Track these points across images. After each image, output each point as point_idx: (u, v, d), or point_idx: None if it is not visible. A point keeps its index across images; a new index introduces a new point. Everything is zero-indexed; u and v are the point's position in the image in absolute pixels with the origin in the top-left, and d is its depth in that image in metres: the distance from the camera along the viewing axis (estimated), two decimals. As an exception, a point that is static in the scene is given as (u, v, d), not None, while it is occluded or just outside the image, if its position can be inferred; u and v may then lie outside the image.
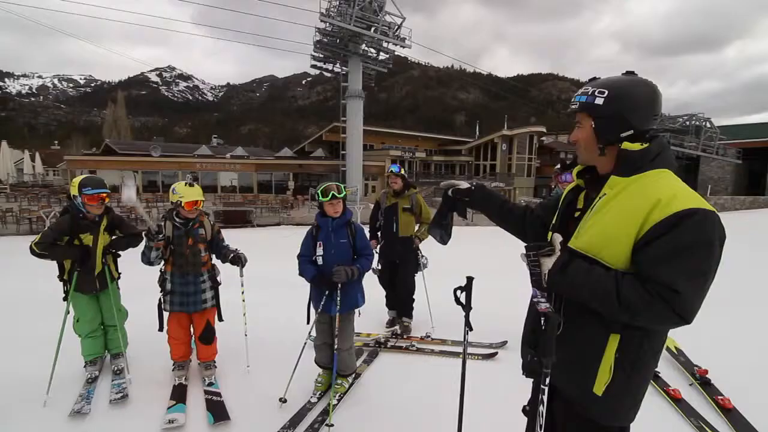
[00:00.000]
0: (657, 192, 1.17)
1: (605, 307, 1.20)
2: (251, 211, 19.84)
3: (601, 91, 1.27)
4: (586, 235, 1.28)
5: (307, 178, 35.50)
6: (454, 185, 1.75)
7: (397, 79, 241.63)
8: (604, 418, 1.34)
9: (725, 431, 2.67)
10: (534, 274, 1.29)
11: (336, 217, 2.96)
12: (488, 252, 10.22)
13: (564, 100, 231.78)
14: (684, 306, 1.12)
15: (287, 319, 4.56)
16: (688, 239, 1.11)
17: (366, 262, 3.01)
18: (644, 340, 1.27)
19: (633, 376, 1.29)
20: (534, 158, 42.18)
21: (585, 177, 1.45)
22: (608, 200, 1.26)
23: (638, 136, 1.26)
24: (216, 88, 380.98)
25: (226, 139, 75.70)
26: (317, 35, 27.39)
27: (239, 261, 3.23)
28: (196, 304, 3.14)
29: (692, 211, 1.12)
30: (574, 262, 1.25)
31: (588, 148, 1.35)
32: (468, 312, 1.88)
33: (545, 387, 1.29)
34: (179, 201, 3.02)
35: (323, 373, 3.17)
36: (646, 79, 1.28)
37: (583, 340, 1.30)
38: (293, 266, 3.11)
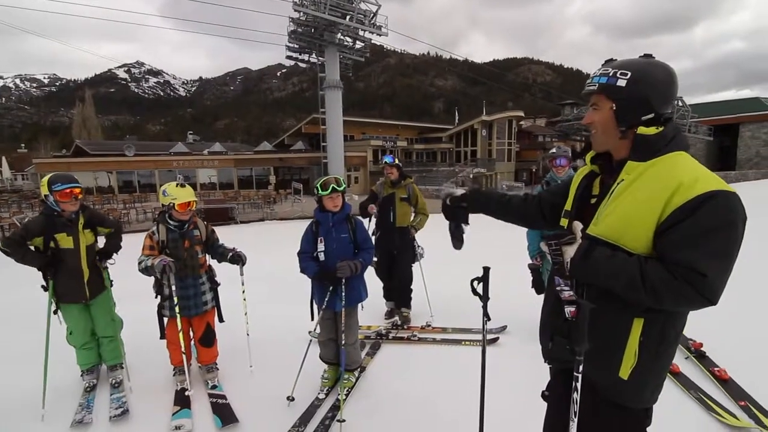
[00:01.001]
0: (678, 175, 1.17)
1: (630, 293, 1.20)
2: (233, 207, 19.53)
3: (624, 72, 1.24)
4: (605, 221, 1.27)
5: (288, 172, 35.08)
6: (450, 194, 1.75)
7: (374, 68, 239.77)
8: (630, 401, 1.35)
9: (723, 401, 2.75)
10: (556, 263, 1.29)
11: (336, 211, 2.91)
12: (480, 238, 10.33)
13: (540, 83, 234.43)
14: (710, 288, 1.12)
15: (285, 316, 4.51)
16: (712, 222, 1.12)
17: (368, 256, 2.98)
18: (667, 323, 1.28)
19: (657, 359, 1.31)
20: (513, 143, 42.60)
21: (599, 162, 1.42)
22: (627, 185, 1.25)
23: (655, 119, 1.25)
24: (188, 83, 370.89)
25: (202, 134, 74.03)
26: (291, 25, 26.82)
27: (239, 260, 3.17)
28: (197, 307, 3.06)
29: (714, 193, 1.12)
30: (596, 249, 1.24)
31: (606, 131, 1.32)
32: (486, 302, 1.86)
33: (578, 374, 1.29)
34: (171, 203, 2.92)
35: (329, 368, 3.14)
36: (664, 62, 1.26)
37: (607, 325, 1.30)
38: (285, 261, 3.06)
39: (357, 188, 32.46)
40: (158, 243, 2.99)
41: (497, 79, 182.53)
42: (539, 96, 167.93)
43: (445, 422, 2.68)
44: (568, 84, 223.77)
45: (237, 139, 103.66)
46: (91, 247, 3.10)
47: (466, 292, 1.96)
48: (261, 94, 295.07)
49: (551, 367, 1.68)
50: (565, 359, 1.43)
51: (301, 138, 40.88)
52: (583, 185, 1.47)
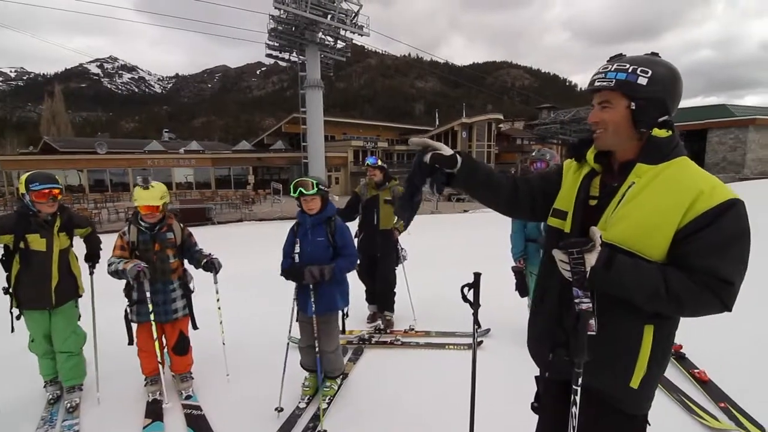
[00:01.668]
0: (697, 182, 1.14)
1: (651, 302, 1.16)
2: (210, 208, 19.08)
3: (644, 70, 1.17)
4: (618, 226, 1.21)
5: (267, 172, 34.63)
6: (432, 148, 1.33)
7: (354, 68, 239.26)
8: (636, 408, 1.32)
9: (704, 403, 2.78)
10: (577, 273, 1.17)
11: (311, 214, 2.81)
12: (458, 240, 10.36)
13: (518, 87, 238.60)
14: (732, 295, 1.12)
15: (264, 320, 4.38)
16: (733, 230, 1.11)
17: (344, 262, 2.84)
18: (673, 327, 1.27)
19: (662, 364, 1.29)
20: (493, 145, 43.18)
21: (600, 162, 1.34)
22: (640, 189, 1.19)
23: (667, 122, 1.21)
24: (164, 80, 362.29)
25: (178, 133, 72.39)
26: (272, 23, 26.48)
27: (212, 267, 3.01)
28: (166, 314, 2.90)
29: (734, 202, 1.11)
30: (618, 256, 1.16)
31: (618, 131, 1.23)
32: (476, 309, 1.79)
33: (578, 387, 1.24)
34: (136, 206, 2.78)
35: (310, 376, 3.04)
36: (671, 63, 1.22)
37: (620, 335, 1.25)
38: (264, 263, 2.95)
39: (338, 189, 32.28)
40: (128, 244, 2.84)
41: (477, 82, 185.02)
42: (517, 99, 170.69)
43: (432, 430, 2.61)
44: (545, 88, 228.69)
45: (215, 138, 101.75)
46: (65, 251, 2.90)
47: (449, 294, 1.90)
48: (240, 92, 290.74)
49: (540, 377, 1.62)
50: (566, 370, 1.37)
51: (281, 137, 40.45)
52: (585, 186, 1.36)
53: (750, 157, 33.05)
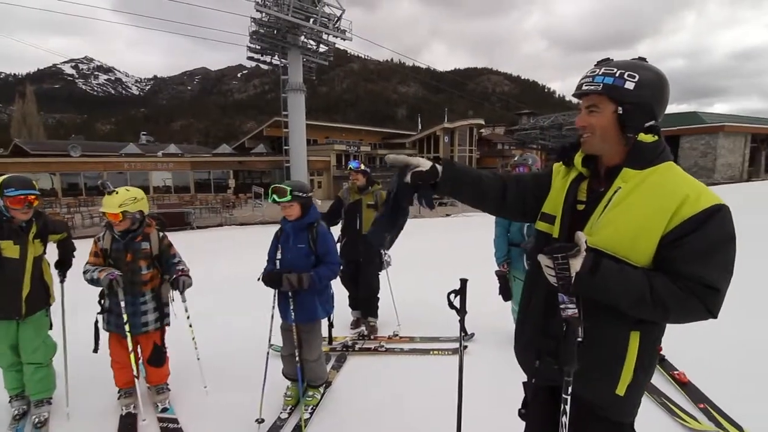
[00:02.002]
0: (683, 187, 1.14)
1: (636, 308, 1.15)
2: (189, 212, 18.69)
3: (632, 74, 1.17)
4: (604, 231, 1.20)
5: (248, 176, 34.15)
6: (410, 166, 1.32)
7: (337, 72, 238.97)
8: (622, 416, 1.31)
9: (684, 404, 2.81)
10: (562, 278, 1.16)
11: (290, 220, 2.74)
12: (441, 245, 10.38)
13: (499, 93, 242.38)
14: (717, 302, 1.11)
15: (243, 328, 4.27)
16: (718, 235, 1.11)
17: (325, 270, 2.75)
18: (659, 333, 1.27)
19: (648, 371, 1.28)
20: (474, 150, 43.67)
21: (588, 167, 1.34)
22: (626, 194, 1.18)
23: (654, 127, 1.21)
24: (142, 81, 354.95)
25: (156, 135, 70.85)
26: (253, 26, 26.23)
27: (178, 286, 2.80)
28: (135, 327, 2.73)
29: (719, 207, 1.11)
30: (603, 261, 1.15)
31: (605, 135, 1.23)
32: (463, 316, 1.76)
33: (567, 396, 1.22)
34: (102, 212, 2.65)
35: (292, 385, 2.95)
36: (658, 68, 1.22)
37: (606, 341, 1.23)
38: (245, 268, 2.87)
39: (320, 193, 32.08)
40: (102, 250, 2.72)
41: (458, 88, 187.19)
42: (498, 105, 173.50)
43: (416, 438, 2.57)
44: (525, 94, 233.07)
45: (194, 141, 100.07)
46: (39, 258, 2.75)
47: (433, 299, 1.87)
48: (220, 95, 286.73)
49: (527, 383, 1.61)
50: (554, 378, 1.36)
51: (263, 141, 40.01)
52: (573, 191, 1.35)
53: (720, 162, 34.31)
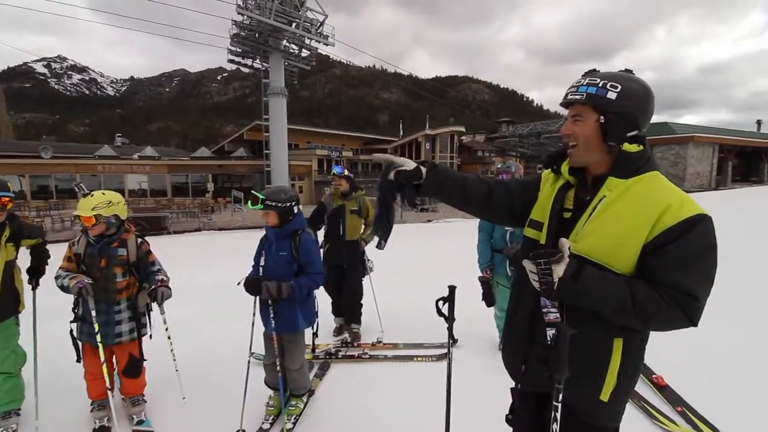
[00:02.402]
0: (666, 196, 1.16)
1: (618, 315, 1.16)
2: (166, 216, 18.25)
3: (614, 85, 1.19)
4: (588, 239, 1.21)
5: (228, 180, 33.63)
6: (395, 165, 1.38)
7: (318, 77, 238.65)
8: (608, 422, 1.33)
9: (662, 407, 2.87)
10: (545, 283, 1.18)
11: (271, 226, 2.69)
12: (423, 250, 10.40)
13: (479, 101, 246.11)
14: (697, 310, 1.13)
15: (224, 336, 4.16)
16: (701, 244, 1.12)
17: (306, 280, 2.68)
18: (643, 341, 1.29)
19: (633, 377, 1.30)
20: (455, 156, 44.14)
21: (575, 176, 1.36)
22: (611, 203, 1.20)
23: (638, 137, 1.23)
24: (118, 82, 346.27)
25: (132, 137, 69.16)
26: (234, 28, 25.97)
27: (155, 297, 2.66)
28: (108, 337, 2.60)
29: (701, 217, 1.13)
30: (585, 268, 1.17)
31: (588, 144, 1.25)
32: (451, 324, 1.76)
33: (558, 404, 1.22)
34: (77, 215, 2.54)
35: (274, 395, 2.89)
36: (643, 80, 1.25)
37: (590, 348, 1.25)
38: (225, 274, 2.80)
39: (302, 198, 31.76)
40: (75, 255, 2.61)
41: (439, 95, 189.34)
42: (478, 113, 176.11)
43: (400, 447, 2.55)
44: (504, 103, 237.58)
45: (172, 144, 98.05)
46: (11, 263, 2.62)
47: (416, 305, 1.87)
48: (199, 97, 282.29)
49: (515, 389, 1.61)
50: (541, 383, 1.36)
51: (243, 145, 39.48)
52: (560, 198, 1.37)
53: (690, 171, 35.61)
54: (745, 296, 4.97)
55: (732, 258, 6.75)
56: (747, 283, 5.45)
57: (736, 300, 4.71)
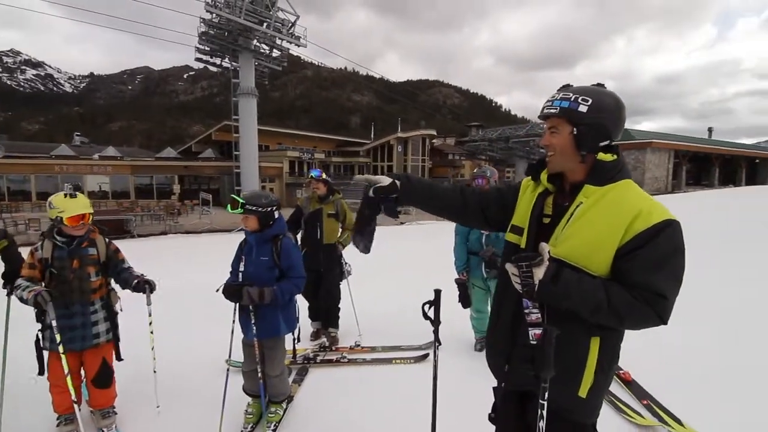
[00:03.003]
0: (637, 203, 1.24)
1: (594, 315, 1.23)
2: (129, 219, 17.59)
3: (585, 98, 1.27)
4: (567, 243, 1.29)
5: (195, 181, 32.75)
6: (372, 183, 1.51)
7: (290, 78, 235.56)
8: (586, 417, 1.40)
9: (629, 401, 3.01)
10: (526, 285, 1.25)
11: (250, 231, 2.66)
12: (398, 253, 10.44)
13: (449, 105, 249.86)
14: (667, 309, 1.21)
15: (197, 343, 4.06)
16: (668, 248, 1.20)
17: (287, 285, 2.66)
18: (618, 339, 1.36)
19: (609, 374, 1.37)
20: (427, 159, 44.65)
21: (554, 183, 1.43)
22: (587, 209, 1.28)
23: (610, 147, 1.31)
24: (76, 78, 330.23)
25: (92, 137, 66.12)
26: (202, 26, 25.36)
27: (147, 288, 2.69)
28: (84, 339, 2.55)
29: (669, 222, 1.21)
30: (564, 271, 1.24)
31: (564, 154, 1.33)
32: (437, 326, 1.79)
33: (544, 402, 1.27)
34: (59, 217, 2.45)
35: (253, 402, 2.84)
36: (615, 93, 1.33)
37: (568, 346, 1.31)
38: (195, 279, 2.74)
39: (272, 200, 31.27)
40: (40, 261, 2.49)
41: (411, 99, 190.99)
42: (449, 117, 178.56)
43: (382, 450, 2.56)
44: (474, 107, 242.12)
45: (135, 144, 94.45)
46: None
47: (393, 307, 1.89)
48: (164, 96, 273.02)
49: (497, 388, 1.66)
50: (523, 383, 1.42)
51: (211, 146, 38.57)
52: (540, 205, 1.45)
53: (648, 176, 37.39)
54: (707, 294, 5.26)
55: (698, 257, 7.14)
56: (710, 282, 5.77)
57: (698, 298, 4.98)
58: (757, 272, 6.42)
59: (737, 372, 3.37)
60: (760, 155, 50.90)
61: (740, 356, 3.66)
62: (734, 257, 7.54)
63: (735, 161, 49.01)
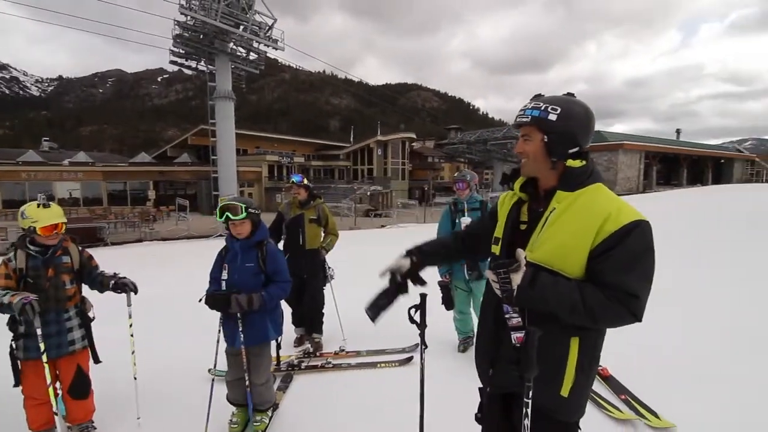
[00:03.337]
0: (606, 206, 1.29)
1: (571, 316, 1.28)
2: (102, 227, 17.04)
3: (554, 107, 1.33)
4: (542, 248, 1.34)
5: (171, 187, 32.00)
6: (398, 269, 1.67)
7: (267, 81, 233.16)
8: (570, 416, 1.44)
9: (607, 396, 3.10)
10: (505, 290, 1.29)
11: (240, 238, 2.65)
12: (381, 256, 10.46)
13: (428, 108, 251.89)
14: (639, 307, 1.25)
15: (178, 353, 3.98)
16: (638, 248, 1.25)
17: (275, 289, 2.67)
18: (598, 339, 1.41)
19: (590, 373, 1.41)
20: (406, 162, 44.85)
21: (527, 191, 1.50)
22: (560, 214, 1.33)
23: (580, 153, 1.37)
24: (44, 81, 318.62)
25: (61, 141, 63.92)
26: (177, 28, 24.89)
27: (126, 288, 2.68)
28: (60, 347, 2.50)
29: (638, 223, 1.26)
30: (540, 275, 1.29)
31: (536, 161, 1.39)
32: (423, 330, 1.83)
33: (529, 400, 1.31)
34: (32, 227, 2.39)
35: (238, 411, 2.80)
36: (584, 102, 1.39)
37: (548, 347, 1.34)
38: (173, 287, 2.70)
39: (251, 205, 30.85)
40: (15, 272, 2.43)
41: (390, 102, 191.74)
42: (428, 120, 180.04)
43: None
44: (452, 110, 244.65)
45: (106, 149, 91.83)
46: None
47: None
48: (138, 99, 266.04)
49: (483, 389, 1.69)
50: (507, 384, 1.46)
51: (187, 150, 37.78)
52: (511, 212, 1.53)
53: (620, 176, 38.51)
54: (681, 290, 5.46)
55: (671, 253, 7.41)
56: (683, 277, 6.00)
57: (673, 294, 5.16)
58: (730, 269, 6.70)
59: (707, 365, 3.52)
60: (725, 155, 53.19)
61: (709, 350, 3.83)
62: (707, 255, 7.84)
63: (702, 161, 51.00)
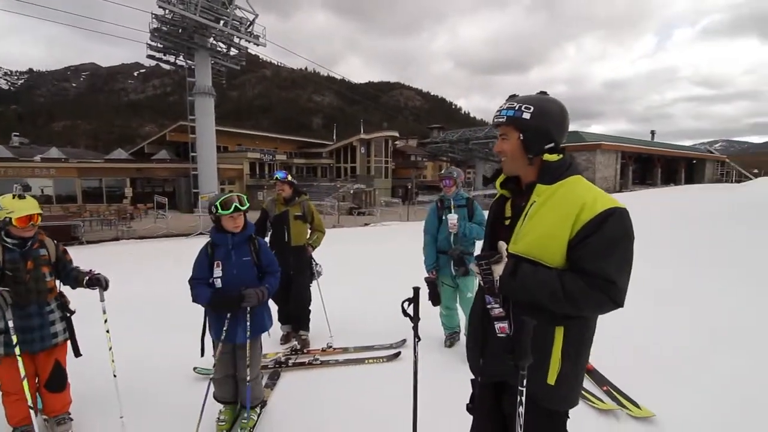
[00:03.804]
0: (581, 196, 1.33)
1: (553, 304, 1.32)
2: (77, 225, 16.51)
3: (527, 106, 1.39)
4: (524, 240, 1.38)
5: (148, 184, 31.26)
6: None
7: (248, 77, 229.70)
8: (558, 405, 1.46)
9: (590, 387, 3.18)
10: (487, 282, 1.34)
11: (236, 232, 2.62)
12: (365, 253, 10.46)
13: (411, 107, 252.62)
14: (620, 293, 1.29)
15: (159, 350, 3.91)
16: (615, 234, 1.29)
17: (274, 280, 2.73)
18: (584, 328, 1.44)
19: (577, 362, 1.44)
20: (390, 161, 44.89)
21: (509, 187, 1.56)
22: (539, 207, 1.38)
23: (555, 148, 1.42)
24: (13, 74, 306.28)
25: (32, 137, 61.65)
26: (155, 22, 24.30)
27: (99, 283, 2.62)
28: (43, 340, 2.47)
29: (613, 210, 1.30)
30: (520, 266, 1.34)
31: (515, 158, 1.46)
32: (416, 323, 1.84)
33: (523, 388, 1.33)
34: (7, 218, 2.33)
35: (225, 409, 2.76)
36: (557, 99, 1.44)
37: (534, 336, 1.36)
38: (152, 285, 2.65)
39: (232, 203, 30.42)
40: None
41: (373, 100, 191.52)
42: (410, 119, 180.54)
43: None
44: (434, 109, 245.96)
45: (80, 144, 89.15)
46: None
47: (363, 307, 1.92)
48: (113, 94, 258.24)
49: (474, 380, 1.72)
50: (497, 373, 1.49)
51: (166, 147, 36.92)
52: (495, 209, 1.60)
53: (598, 176, 39.37)
54: (662, 284, 5.63)
55: (652, 249, 7.62)
56: (664, 272, 6.18)
57: (653, 287, 5.32)
58: (709, 264, 6.93)
59: (687, 358, 3.65)
60: (697, 156, 54.98)
61: (688, 343, 3.96)
62: (686, 250, 8.10)
63: (675, 162, 52.59)
